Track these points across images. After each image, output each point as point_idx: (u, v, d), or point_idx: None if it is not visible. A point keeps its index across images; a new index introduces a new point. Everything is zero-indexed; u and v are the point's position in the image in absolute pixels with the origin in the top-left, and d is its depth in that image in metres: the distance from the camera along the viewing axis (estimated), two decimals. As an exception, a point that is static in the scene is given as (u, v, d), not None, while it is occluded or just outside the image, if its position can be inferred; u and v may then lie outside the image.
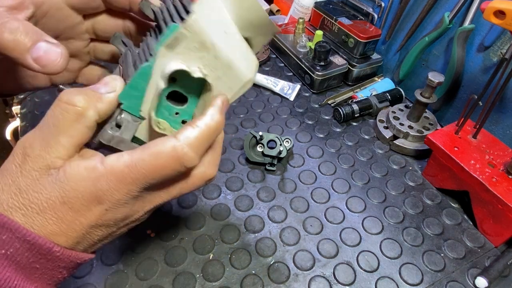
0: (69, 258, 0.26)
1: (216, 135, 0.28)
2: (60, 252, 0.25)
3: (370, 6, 0.72)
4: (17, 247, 0.23)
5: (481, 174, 0.45)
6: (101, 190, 0.25)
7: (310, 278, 0.42)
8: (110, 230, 0.28)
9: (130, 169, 0.25)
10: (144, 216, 0.30)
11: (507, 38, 0.50)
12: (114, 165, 0.25)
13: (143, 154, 0.25)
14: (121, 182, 0.25)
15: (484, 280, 0.41)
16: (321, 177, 0.54)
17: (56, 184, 0.24)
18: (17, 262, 0.23)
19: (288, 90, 0.70)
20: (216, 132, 0.28)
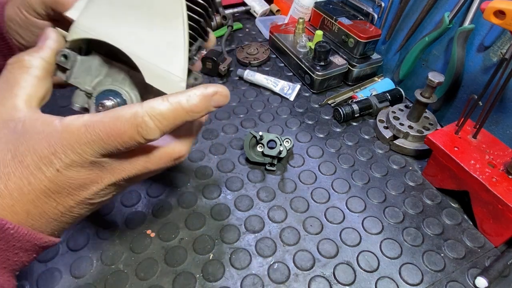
0: (25, 238, 0.24)
1: (187, 119, 0.26)
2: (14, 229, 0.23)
3: (370, 6, 0.72)
4: None
5: (481, 174, 0.45)
6: (53, 147, 0.24)
7: (310, 278, 0.42)
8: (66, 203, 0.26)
9: (86, 129, 0.24)
10: (107, 194, 0.28)
11: (507, 38, 0.50)
12: (72, 123, 0.24)
13: (104, 117, 0.24)
14: (76, 141, 0.24)
15: (484, 280, 0.41)
16: (321, 177, 0.54)
17: (11, 136, 0.24)
18: None
19: (288, 90, 0.70)
20: (187, 117, 0.26)
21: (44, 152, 0.23)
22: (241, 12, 0.94)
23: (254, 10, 0.95)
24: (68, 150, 0.24)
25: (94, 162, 0.25)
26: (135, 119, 0.24)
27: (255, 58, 0.78)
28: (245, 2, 0.95)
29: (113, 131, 0.24)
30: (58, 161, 0.24)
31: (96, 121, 0.24)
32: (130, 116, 0.24)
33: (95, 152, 0.24)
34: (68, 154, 0.24)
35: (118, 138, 0.24)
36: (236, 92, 0.70)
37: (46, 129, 0.24)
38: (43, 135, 0.24)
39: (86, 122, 0.24)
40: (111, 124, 0.24)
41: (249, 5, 0.94)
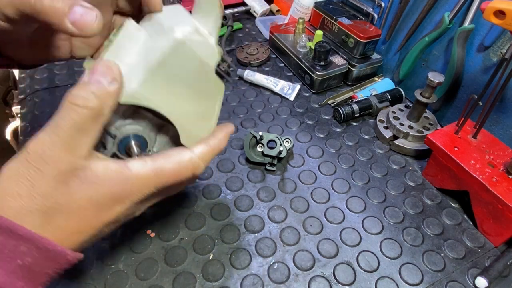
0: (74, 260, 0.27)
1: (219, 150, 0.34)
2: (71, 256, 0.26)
3: (370, 6, 0.72)
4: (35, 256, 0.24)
5: (481, 174, 0.45)
6: (125, 191, 0.28)
7: (310, 278, 0.42)
8: (115, 226, 0.30)
9: (155, 174, 0.29)
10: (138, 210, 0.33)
11: (507, 38, 0.50)
12: (141, 170, 0.29)
13: (166, 163, 0.30)
14: (145, 186, 0.29)
15: (484, 280, 0.41)
16: (321, 177, 0.54)
17: (85, 185, 0.26)
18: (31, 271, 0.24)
19: (288, 90, 0.70)
20: (219, 152, 0.34)
21: (117, 197, 0.28)
22: (241, 12, 0.94)
23: (254, 10, 0.95)
24: (138, 193, 0.29)
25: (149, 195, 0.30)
26: (192, 164, 0.31)
27: (255, 58, 0.78)
28: (245, 2, 0.95)
29: (175, 174, 0.30)
30: (127, 202, 0.29)
31: (161, 167, 0.30)
32: (188, 161, 0.31)
33: (156, 190, 0.30)
34: (136, 196, 0.29)
35: (177, 178, 0.31)
36: (236, 92, 0.70)
37: (120, 177, 0.28)
38: (117, 183, 0.28)
39: (153, 169, 0.29)
40: (175, 169, 0.30)
41: (249, 5, 0.94)
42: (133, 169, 0.28)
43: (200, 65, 0.32)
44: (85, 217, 0.27)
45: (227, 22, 0.87)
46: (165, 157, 0.30)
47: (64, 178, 0.25)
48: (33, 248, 0.24)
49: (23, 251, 0.24)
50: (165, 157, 0.30)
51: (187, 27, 0.30)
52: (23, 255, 0.24)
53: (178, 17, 0.31)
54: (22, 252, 0.24)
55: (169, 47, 0.29)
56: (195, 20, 0.32)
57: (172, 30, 0.29)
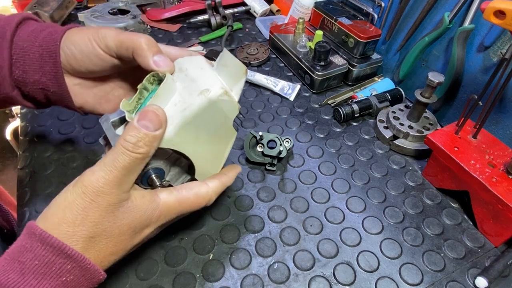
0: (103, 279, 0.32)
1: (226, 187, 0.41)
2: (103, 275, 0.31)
3: (370, 6, 0.72)
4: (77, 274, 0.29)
5: (481, 174, 0.45)
6: (154, 217, 0.34)
7: (310, 278, 0.42)
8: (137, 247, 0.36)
9: (179, 203, 0.36)
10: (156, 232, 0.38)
11: (507, 38, 0.50)
12: (167, 199, 0.35)
13: (188, 194, 0.37)
14: (170, 212, 0.35)
15: (484, 280, 0.41)
16: (321, 177, 0.54)
17: (127, 213, 0.32)
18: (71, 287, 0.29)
19: (288, 90, 0.70)
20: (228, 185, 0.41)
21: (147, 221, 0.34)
22: (241, 12, 0.94)
23: (254, 10, 0.95)
24: (163, 218, 0.35)
25: None
26: (207, 196, 0.38)
27: (255, 58, 0.78)
28: (245, 2, 0.95)
29: (194, 204, 0.37)
30: (153, 225, 0.35)
31: (183, 197, 0.36)
32: (204, 194, 0.38)
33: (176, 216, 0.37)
34: (161, 221, 0.35)
35: (194, 207, 0.37)
36: (236, 92, 0.70)
37: (152, 205, 0.34)
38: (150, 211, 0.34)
39: (178, 199, 0.36)
40: (194, 199, 0.37)
41: (249, 5, 0.94)
42: (162, 197, 0.35)
43: (224, 119, 0.38)
44: (122, 241, 0.32)
45: (227, 22, 0.87)
46: (187, 189, 0.37)
47: (112, 209, 0.31)
48: (76, 267, 0.29)
49: (68, 269, 0.28)
50: (187, 189, 0.37)
51: (220, 90, 0.35)
52: (68, 273, 0.28)
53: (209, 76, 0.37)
54: (67, 270, 0.28)
55: (204, 105, 0.34)
56: (221, 77, 0.37)
57: (208, 90, 0.35)
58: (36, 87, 0.40)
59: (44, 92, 0.41)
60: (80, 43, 0.38)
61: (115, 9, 0.86)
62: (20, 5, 0.93)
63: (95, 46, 0.37)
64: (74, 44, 0.38)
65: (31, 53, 0.38)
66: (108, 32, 0.37)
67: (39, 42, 0.38)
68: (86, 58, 0.38)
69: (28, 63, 0.39)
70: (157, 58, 0.36)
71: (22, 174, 0.53)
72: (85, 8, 0.91)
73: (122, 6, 0.87)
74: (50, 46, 0.38)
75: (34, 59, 0.39)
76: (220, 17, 0.88)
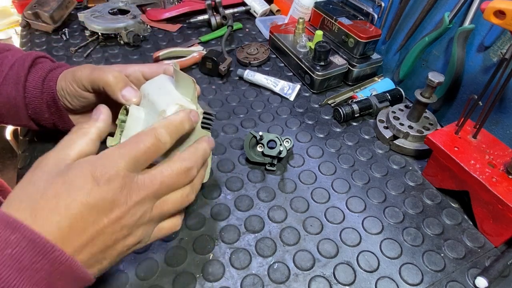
0: (68, 263, 0.28)
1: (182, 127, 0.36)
2: (60, 253, 0.27)
3: (370, 6, 0.72)
4: (22, 246, 0.26)
5: (481, 174, 0.45)
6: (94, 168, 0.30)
7: (310, 278, 0.42)
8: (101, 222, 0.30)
9: (118, 148, 0.32)
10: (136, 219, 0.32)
11: (507, 38, 0.50)
12: (107, 150, 0.32)
13: (130, 138, 0.33)
14: (111, 159, 0.31)
15: (484, 280, 0.41)
16: (321, 177, 0.54)
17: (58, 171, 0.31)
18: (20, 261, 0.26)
19: (288, 90, 0.70)
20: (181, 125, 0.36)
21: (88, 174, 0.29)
22: (241, 12, 0.94)
23: (254, 10, 0.95)
24: (105, 168, 0.30)
25: (124, 177, 0.31)
26: (153, 130, 0.33)
27: (255, 58, 0.78)
28: (245, 2, 0.95)
29: (137, 141, 0.32)
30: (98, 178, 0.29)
31: (124, 143, 0.33)
32: (149, 130, 0.33)
33: (125, 164, 0.31)
34: (105, 172, 0.30)
35: (141, 144, 0.32)
36: (236, 92, 0.70)
37: (89, 159, 0.31)
38: (87, 163, 0.30)
39: (117, 145, 0.33)
40: (136, 138, 0.33)
41: (249, 5, 0.94)
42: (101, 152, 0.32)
43: None
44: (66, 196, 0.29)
45: (227, 22, 0.87)
46: None
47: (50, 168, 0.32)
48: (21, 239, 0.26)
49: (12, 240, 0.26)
50: None
51: (175, 107, 0.38)
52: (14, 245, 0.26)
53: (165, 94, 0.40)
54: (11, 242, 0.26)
55: None
56: (178, 91, 0.41)
57: (164, 111, 0.37)
58: (48, 122, 0.50)
59: (55, 125, 0.50)
60: (65, 87, 0.45)
61: (115, 9, 0.86)
62: (20, 5, 0.93)
63: (76, 87, 0.44)
64: (63, 89, 0.45)
65: (39, 98, 0.47)
66: (82, 73, 0.43)
67: (44, 90, 0.46)
68: (74, 98, 0.46)
69: (38, 106, 0.48)
70: (125, 92, 0.41)
71: (22, 174, 0.53)
72: (85, 8, 0.91)
73: (122, 6, 0.87)
74: (50, 93, 0.46)
75: (42, 103, 0.47)
76: (220, 17, 0.88)
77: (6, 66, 0.47)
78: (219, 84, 0.72)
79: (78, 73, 0.44)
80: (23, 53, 0.49)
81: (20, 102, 0.47)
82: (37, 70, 0.47)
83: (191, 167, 0.35)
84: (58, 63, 0.50)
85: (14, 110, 0.48)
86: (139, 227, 0.33)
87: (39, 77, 0.47)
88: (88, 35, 0.83)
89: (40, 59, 0.49)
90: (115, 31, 0.80)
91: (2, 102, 0.47)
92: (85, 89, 0.44)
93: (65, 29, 0.85)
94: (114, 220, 0.30)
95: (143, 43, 0.83)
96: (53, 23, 0.83)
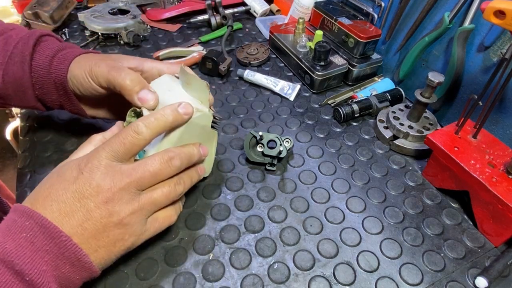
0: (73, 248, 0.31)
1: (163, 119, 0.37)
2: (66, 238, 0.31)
3: (370, 6, 0.72)
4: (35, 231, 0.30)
5: (481, 174, 0.45)
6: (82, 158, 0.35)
7: (310, 278, 0.42)
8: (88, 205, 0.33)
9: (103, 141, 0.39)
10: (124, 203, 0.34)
11: (507, 38, 0.50)
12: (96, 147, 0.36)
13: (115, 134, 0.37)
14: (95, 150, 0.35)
15: (484, 280, 0.41)
16: (321, 177, 0.54)
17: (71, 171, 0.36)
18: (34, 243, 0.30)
19: (288, 90, 0.70)
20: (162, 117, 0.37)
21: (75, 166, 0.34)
22: (241, 12, 0.94)
23: (254, 10, 0.95)
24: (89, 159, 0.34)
25: (107, 166, 0.34)
26: (132, 124, 0.36)
27: (255, 58, 0.78)
28: (245, 2, 0.95)
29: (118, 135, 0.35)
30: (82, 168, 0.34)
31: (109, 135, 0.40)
32: (130, 125, 0.36)
33: (106, 155, 0.34)
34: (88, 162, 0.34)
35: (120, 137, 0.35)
36: (236, 92, 0.70)
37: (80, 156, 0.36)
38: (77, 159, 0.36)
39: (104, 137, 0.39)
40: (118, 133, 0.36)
41: (249, 5, 0.94)
42: None
43: (201, 128, 0.43)
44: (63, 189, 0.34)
45: (227, 22, 0.87)
46: None
47: None
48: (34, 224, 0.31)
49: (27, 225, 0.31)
50: None
51: None
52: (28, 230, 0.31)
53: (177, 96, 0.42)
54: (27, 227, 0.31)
55: (182, 127, 0.40)
56: (188, 93, 0.43)
57: None
58: (55, 104, 0.49)
59: (62, 107, 0.50)
60: (80, 78, 0.44)
61: (115, 9, 0.86)
62: (20, 5, 0.93)
63: (91, 82, 0.44)
64: (76, 78, 0.44)
65: (47, 79, 0.46)
66: (100, 71, 0.43)
67: (53, 70, 0.45)
68: (86, 90, 0.45)
69: (46, 87, 0.47)
70: (142, 94, 0.41)
71: (22, 174, 0.53)
72: (85, 8, 0.91)
73: (122, 6, 0.87)
74: (60, 77, 0.45)
75: (50, 85, 0.46)
76: (220, 17, 0.88)
77: (10, 46, 0.45)
78: (219, 84, 0.72)
79: (95, 69, 0.43)
80: (28, 32, 0.47)
81: (27, 82, 0.45)
82: (44, 49, 0.46)
83: (173, 157, 0.37)
84: (66, 43, 0.49)
85: (21, 91, 0.46)
86: (129, 215, 0.34)
87: (46, 57, 0.45)
88: (88, 35, 0.83)
89: (45, 37, 0.48)
90: (115, 31, 0.80)
91: (9, 82, 0.46)
92: (100, 86, 0.44)
93: (65, 29, 0.85)
94: (100, 204, 0.33)
95: (143, 43, 0.83)
96: (53, 23, 0.83)
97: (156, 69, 0.46)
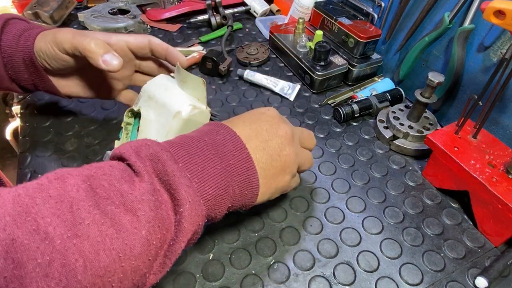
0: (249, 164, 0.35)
1: None
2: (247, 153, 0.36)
3: (370, 6, 0.72)
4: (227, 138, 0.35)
5: (481, 174, 0.45)
6: None
7: (310, 278, 0.42)
8: None
9: None
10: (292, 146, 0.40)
11: (507, 38, 0.50)
12: None
13: None
14: None
15: (484, 280, 0.41)
16: (321, 177, 0.54)
17: None
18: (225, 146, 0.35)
19: (288, 90, 0.70)
20: None
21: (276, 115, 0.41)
22: (241, 12, 0.94)
23: (254, 10, 0.95)
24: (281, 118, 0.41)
25: None
26: None
27: (255, 58, 0.78)
28: (245, 2, 0.95)
29: None
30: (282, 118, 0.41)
31: None
32: None
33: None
34: None
35: None
36: (236, 92, 0.70)
37: None
38: None
39: None
40: None
41: (249, 5, 0.94)
42: None
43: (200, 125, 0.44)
44: None
45: (227, 22, 0.87)
46: None
47: None
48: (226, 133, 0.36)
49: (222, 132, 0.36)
50: None
51: (189, 107, 0.42)
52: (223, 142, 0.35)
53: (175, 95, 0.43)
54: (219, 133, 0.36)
55: (181, 125, 0.42)
56: (185, 92, 0.43)
57: (179, 113, 0.41)
58: (28, 83, 0.49)
59: (35, 86, 0.49)
60: (45, 48, 0.44)
61: (115, 9, 0.86)
62: (20, 5, 0.93)
63: (56, 50, 0.44)
64: (42, 50, 0.44)
65: (16, 57, 0.46)
66: (64, 37, 0.43)
67: (20, 48, 0.45)
68: (53, 60, 0.45)
69: (16, 66, 0.46)
70: (106, 57, 0.41)
71: (22, 174, 0.53)
72: (85, 8, 0.91)
73: (122, 6, 0.87)
74: (27, 52, 0.45)
75: (20, 63, 0.46)
76: (220, 17, 0.88)
77: None
78: (219, 84, 0.72)
79: (59, 35, 0.43)
80: None
81: None
82: (11, 29, 0.46)
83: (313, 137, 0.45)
84: (33, 24, 0.49)
85: None
86: (294, 158, 0.39)
87: (13, 36, 0.46)
88: (88, 35, 0.83)
89: (13, 20, 0.48)
90: (115, 31, 0.80)
91: None
92: (66, 53, 0.44)
93: (65, 29, 0.85)
94: (279, 137, 0.38)
95: (143, 43, 0.83)
96: (53, 23, 0.83)
97: (123, 41, 0.47)
